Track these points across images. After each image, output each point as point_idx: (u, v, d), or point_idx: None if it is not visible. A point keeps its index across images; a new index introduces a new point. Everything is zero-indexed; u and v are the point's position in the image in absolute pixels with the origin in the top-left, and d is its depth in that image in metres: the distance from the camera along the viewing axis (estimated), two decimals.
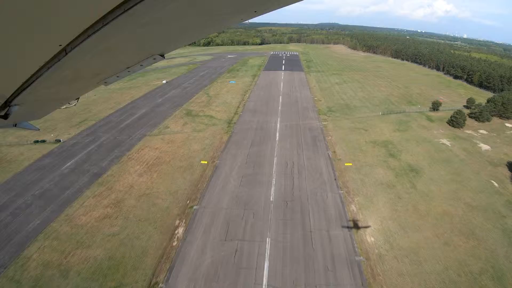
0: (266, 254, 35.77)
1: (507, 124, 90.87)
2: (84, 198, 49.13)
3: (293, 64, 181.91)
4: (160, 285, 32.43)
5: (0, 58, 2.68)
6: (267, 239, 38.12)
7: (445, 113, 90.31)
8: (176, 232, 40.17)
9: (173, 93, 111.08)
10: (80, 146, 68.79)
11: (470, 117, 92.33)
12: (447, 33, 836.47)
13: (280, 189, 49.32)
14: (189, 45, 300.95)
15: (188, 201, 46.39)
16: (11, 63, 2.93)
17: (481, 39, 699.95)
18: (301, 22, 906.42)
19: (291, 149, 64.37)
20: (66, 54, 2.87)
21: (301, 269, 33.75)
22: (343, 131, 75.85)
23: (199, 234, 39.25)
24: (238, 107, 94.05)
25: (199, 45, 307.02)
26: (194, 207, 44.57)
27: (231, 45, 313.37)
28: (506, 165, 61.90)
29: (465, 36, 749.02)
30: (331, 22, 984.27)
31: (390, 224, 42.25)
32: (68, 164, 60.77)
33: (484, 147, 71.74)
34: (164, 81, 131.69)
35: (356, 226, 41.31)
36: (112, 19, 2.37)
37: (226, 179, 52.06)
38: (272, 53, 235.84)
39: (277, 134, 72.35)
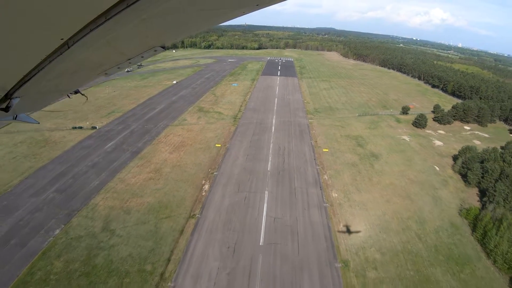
0: (265, 200, 54.26)
1: (465, 127, 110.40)
2: (130, 167, 66.69)
3: (288, 70, 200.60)
4: (197, 215, 50.46)
5: (2, 51, 2.74)
6: (266, 191, 56.73)
7: (413, 116, 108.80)
8: (203, 187, 58.38)
9: (184, 92, 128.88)
10: (115, 132, 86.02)
11: (434, 120, 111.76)
12: (442, 42, 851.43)
13: (275, 164, 67.93)
14: (191, 47, 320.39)
15: (209, 169, 64.67)
16: (13, 57, 2.99)
17: (475, 48, 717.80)
18: (298, 26, 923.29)
19: (283, 138, 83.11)
20: (68, 48, 2.95)
21: (287, 208, 52.26)
22: (324, 127, 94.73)
23: (219, 188, 57.60)
24: (241, 105, 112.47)
25: (200, 48, 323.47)
26: (214, 173, 62.90)
27: (230, 48, 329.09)
28: (451, 157, 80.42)
29: (460, 45, 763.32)
30: (328, 26, 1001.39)
31: (349, 187, 60.94)
32: (109, 144, 78.02)
33: (438, 143, 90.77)
34: (174, 82, 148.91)
35: (325, 186, 59.92)
36: (115, 14, 2.44)
37: (236, 156, 70.57)
38: (269, 58, 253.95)
39: (273, 128, 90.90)
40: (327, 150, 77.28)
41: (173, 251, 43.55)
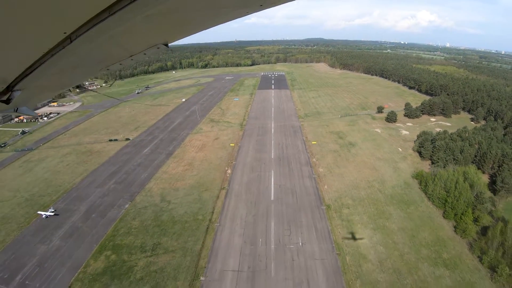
0: (272, 175, 77.25)
1: (431, 119, 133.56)
2: (168, 163, 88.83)
3: (281, 83, 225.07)
4: (226, 187, 72.85)
5: (5, 44, 2.77)
6: (272, 171, 79.75)
7: (387, 114, 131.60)
8: (227, 172, 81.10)
9: (195, 108, 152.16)
10: (147, 141, 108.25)
11: (404, 115, 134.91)
12: (431, 43, 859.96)
13: (276, 153, 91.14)
14: (189, 67, 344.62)
15: (229, 160, 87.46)
16: (16, 49, 3.01)
17: (463, 47, 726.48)
18: (288, 38, 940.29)
19: (281, 137, 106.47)
20: (71, 42, 3.00)
21: (288, 179, 75.09)
22: (313, 127, 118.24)
23: (239, 171, 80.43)
24: (245, 115, 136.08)
25: (197, 67, 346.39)
26: (233, 162, 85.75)
27: (226, 66, 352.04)
28: (414, 141, 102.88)
29: (447, 45, 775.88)
30: (316, 37, 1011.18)
31: (331, 165, 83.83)
32: (145, 150, 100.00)
33: (405, 132, 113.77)
34: (183, 99, 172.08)
35: (314, 165, 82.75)
36: (119, 9, 2.50)
37: (247, 151, 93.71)
38: (262, 74, 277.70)
39: (272, 130, 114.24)
40: (315, 142, 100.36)
41: (214, 208, 65.84)
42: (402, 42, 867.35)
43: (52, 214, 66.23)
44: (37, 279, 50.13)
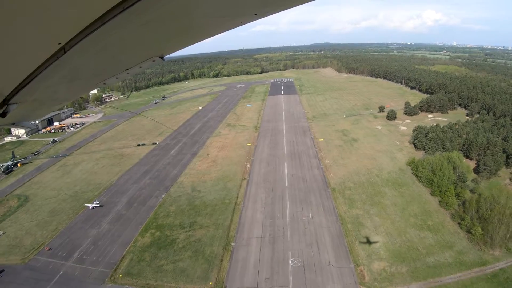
0: (285, 167, 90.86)
1: (429, 116, 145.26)
2: (194, 162, 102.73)
3: (290, 89, 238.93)
4: (247, 178, 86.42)
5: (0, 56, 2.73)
6: (285, 163, 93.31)
7: (387, 112, 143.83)
8: (246, 166, 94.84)
9: (212, 115, 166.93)
10: (172, 144, 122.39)
11: (404, 113, 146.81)
12: (437, 43, 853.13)
13: (288, 150, 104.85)
14: (200, 77, 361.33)
15: (247, 157, 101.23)
16: (10, 61, 3.03)
17: (469, 45, 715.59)
18: (294, 44, 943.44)
19: (292, 136, 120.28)
20: (65, 52, 2.99)
21: (299, 169, 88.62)
22: (320, 126, 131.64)
23: (257, 165, 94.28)
24: (258, 119, 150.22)
25: (209, 77, 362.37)
26: (251, 158, 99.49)
27: (236, 75, 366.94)
28: (410, 135, 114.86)
29: (454, 44, 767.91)
30: (323, 42, 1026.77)
31: (336, 157, 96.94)
32: (172, 152, 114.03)
33: (403, 128, 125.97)
34: (200, 107, 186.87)
35: (321, 158, 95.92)
36: (111, 18, 2.48)
37: (262, 148, 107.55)
38: (272, 81, 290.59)
39: (284, 131, 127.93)
40: (322, 139, 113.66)
41: (238, 193, 79.42)
42: (408, 43, 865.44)
43: (98, 205, 78.17)
44: (93, 254, 61.77)
